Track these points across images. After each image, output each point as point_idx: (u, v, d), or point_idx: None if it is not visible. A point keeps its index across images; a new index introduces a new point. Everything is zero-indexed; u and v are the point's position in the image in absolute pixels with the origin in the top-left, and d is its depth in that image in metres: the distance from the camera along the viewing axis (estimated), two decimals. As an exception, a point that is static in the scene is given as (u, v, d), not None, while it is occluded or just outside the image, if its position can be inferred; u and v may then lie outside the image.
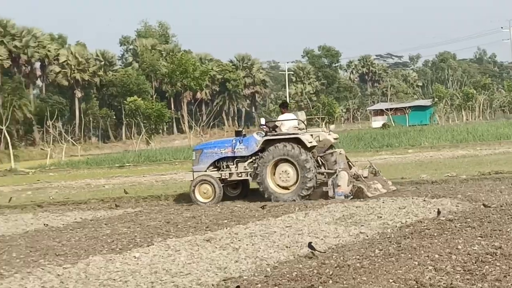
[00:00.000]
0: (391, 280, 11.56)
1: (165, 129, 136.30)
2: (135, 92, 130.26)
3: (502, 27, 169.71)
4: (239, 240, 16.67)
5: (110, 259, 15.25)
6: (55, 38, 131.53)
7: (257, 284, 12.00)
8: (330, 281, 11.82)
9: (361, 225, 17.78)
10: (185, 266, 13.94)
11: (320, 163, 26.29)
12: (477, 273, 11.75)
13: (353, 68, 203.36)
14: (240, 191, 28.09)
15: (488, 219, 17.08)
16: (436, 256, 13.28)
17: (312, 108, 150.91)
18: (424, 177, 29.15)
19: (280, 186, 25.61)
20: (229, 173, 26.91)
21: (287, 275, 12.57)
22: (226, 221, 20.57)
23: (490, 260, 12.55)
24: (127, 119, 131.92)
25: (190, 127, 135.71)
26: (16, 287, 13.05)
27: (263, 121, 27.94)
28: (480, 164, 34.13)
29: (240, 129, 30.21)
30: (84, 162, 75.95)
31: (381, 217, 19.00)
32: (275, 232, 17.57)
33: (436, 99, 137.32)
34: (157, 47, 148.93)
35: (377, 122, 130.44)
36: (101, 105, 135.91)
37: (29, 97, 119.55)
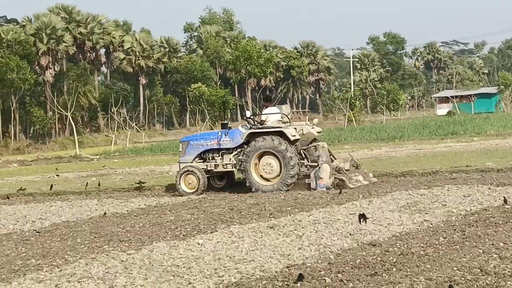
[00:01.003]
0: (455, 268, 11.49)
1: (229, 116, 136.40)
2: (199, 79, 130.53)
3: None
4: (302, 227, 16.68)
5: (174, 246, 15.35)
6: (120, 25, 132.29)
7: (320, 271, 11.99)
8: (394, 269, 11.80)
9: (425, 213, 17.68)
10: (249, 253, 13.98)
11: (303, 156, 26.69)
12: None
13: (418, 55, 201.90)
14: (226, 182, 28.69)
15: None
16: (501, 244, 13.19)
17: (377, 95, 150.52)
18: (490, 165, 28.84)
19: (263, 178, 26.25)
20: (215, 165, 27.56)
21: (351, 263, 12.56)
22: (289, 208, 20.57)
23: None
24: (191, 106, 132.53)
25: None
26: (80, 272, 13.17)
27: (248, 114, 29.13)
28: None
29: (226, 121, 30.75)
30: (148, 148, 76.28)
31: (445, 205, 18.88)
32: (339, 219, 17.57)
33: (502, 87, 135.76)
34: (221, 34, 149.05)
35: (442, 110, 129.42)
36: (166, 92, 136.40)
37: (94, 84, 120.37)
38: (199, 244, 15.34)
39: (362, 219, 16.37)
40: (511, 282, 10.54)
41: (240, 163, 26.55)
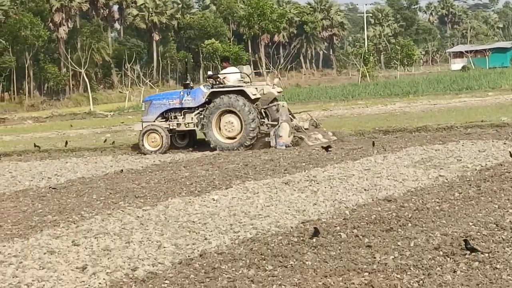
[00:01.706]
0: (471, 223, 11.51)
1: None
2: (213, 35, 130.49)
3: None
4: (317, 183, 16.72)
5: (189, 202, 15.41)
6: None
7: (336, 226, 12.03)
8: (409, 224, 11.83)
9: (440, 168, 17.69)
10: (264, 209, 14.03)
11: (264, 115, 27.21)
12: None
13: (433, 10, 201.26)
14: (188, 141, 29.00)
15: None
16: (506, 200, 13.19)
17: (391, 50, 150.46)
18: (505, 120, 28.77)
19: (225, 136, 26.82)
20: (177, 124, 28.07)
21: (366, 218, 12.60)
22: (304, 164, 20.61)
23: None
24: (205, 62, 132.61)
25: (268, 70, 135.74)
26: (97, 228, 13.25)
27: (209, 73, 29.72)
28: None
29: (188, 82, 30.55)
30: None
31: (460, 160, 18.88)
32: (354, 175, 17.59)
33: None
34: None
35: (456, 65, 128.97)
36: (179, 48, 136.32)
37: (107, 40, 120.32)
38: (214, 200, 15.40)
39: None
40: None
41: (202, 121, 27.05)
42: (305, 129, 27.20)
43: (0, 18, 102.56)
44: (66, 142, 33.61)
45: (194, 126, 27.90)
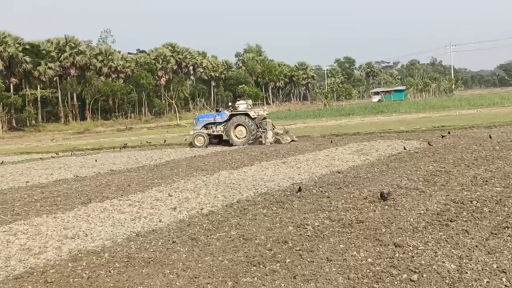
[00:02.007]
0: (383, 185, 11.51)
1: (258, 103, 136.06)
2: (243, 82, 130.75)
3: (445, 45, 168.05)
4: (300, 162, 16.67)
5: (231, 173, 15.41)
6: (200, 53, 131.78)
7: (310, 186, 12.02)
8: (350, 185, 11.82)
9: (367, 155, 17.62)
10: (271, 177, 14.02)
11: (258, 126, 27.65)
12: (431, 181, 11.63)
13: (362, 69, 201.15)
14: (218, 141, 28.97)
15: (436, 152, 16.81)
16: (408, 171, 13.15)
17: (339, 91, 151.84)
18: (402, 129, 28.71)
19: (237, 137, 27.32)
20: (212, 131, 28.60)
21: (326, 181, 12.57)
22: (293, 152, 20.55)
23: (438, 174, 12.40)
24: (238, 98, 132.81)
25: (273, 101, 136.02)
26: (181, 186, 13.30)
27: (229, 104, 30.18)
28: (433, 122, 33.49)
29: (218, 108, 33.38)
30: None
31: (377, 150, 18.76)
32: (320, 158, 17.54)
33: (408, 86, 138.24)
34: (255, 58, 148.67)
35: (375, 98, 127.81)
36: (225, 89, 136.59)
37: (186, 85, 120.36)
38: (244, 172, 15.40)
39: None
40: (415, 192, 10.54)
41: (226, 130, 27.90)
42: (281, 134, 27.72)
43: (129, 73, 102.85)
44: (165, 140, 33.71)
45: (221, 132, 28.51)
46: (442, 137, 22.18)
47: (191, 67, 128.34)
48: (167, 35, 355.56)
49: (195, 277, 6.36)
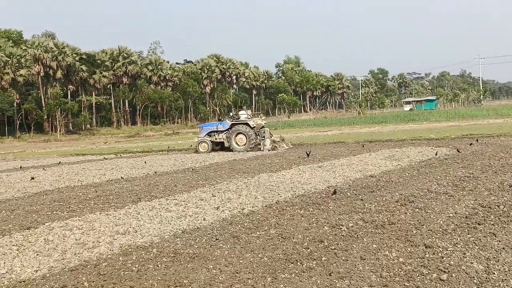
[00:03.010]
0: (414, 189, 11.37)
1: (296, 111, 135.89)
2: (283, 91, 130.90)
3: (474, 58, 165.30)
4: (335, 167, 16.57)
5: (270, 175, 15.38)
6: (243, 63, 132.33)
7: (345, 189, 11.94)
8: (382, 189, 11.71)
9: (398, 161, 17.41)
10: (308, 179, 13.97)
11: (257, 134, 28.22)
12: (459, 186, 11.44)
13: (394, 80, 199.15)
14: (220, 147, 29.24)
15: (465, 158, 16.51)
16: (438, 177, 12.97)
17: (373, 100, 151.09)
18: (432, 136, 28.30)
19: (238, 144, 27.88)
20: (215, 138, 29.04)
21: (360, 185, 12.47)
22: (328, 157, 20.47)
23: (467, 180, 12.18)
24: (278, 105, 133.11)
25: (310, 109, 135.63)
26: (224, 187, 13.34)
27: (230, 114, 31.46)
28: (462, 130, 32.88)
29: (220, 117, 34.37)
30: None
31: (408, 156, 18.55)
32: (354, 163, 17.40)
33: (438, 96, 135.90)
34: (294, 68, 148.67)
35: (407, 107, 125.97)
36: (265, 98, 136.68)
37: (229, 93, 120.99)
38: (283, 175, 15.38)
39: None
40: (444, 196, 10.38)
41: (227, 137, 28.37)
42: (277, 141, 28.62)
43: (177, 82, 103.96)
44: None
45: (223, 140, 28.90)
46: (471, 145, 21.81)
47: (234, 77, 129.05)
48: (213, 46, 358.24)
49: (237, 272, 6.39)
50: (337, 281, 5.94)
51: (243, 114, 29.49)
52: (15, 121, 76.34)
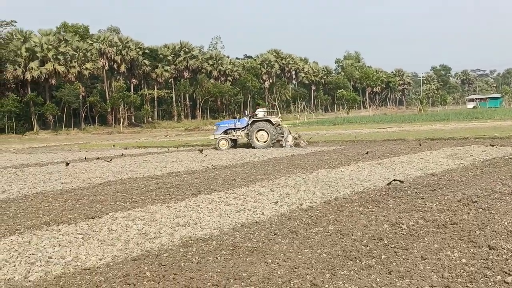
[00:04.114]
0: (478, 188, 11.07)
1: (355, 107, 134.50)
2: (342, 87, 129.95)
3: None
4: (395, 164, 16.33)
5: (329, 171, 15.30)
6: (302, 59, 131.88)
7: (405, 187, 11.74)
8: (444, 188, 11.44)
9: (461, 159, 16.97)
10: (367, 176, 13.80)
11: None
12: (527, 187, 11.07)
13: (458, 76, 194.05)
14: (234, 144, 29.50)
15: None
16: (503, 176, 12.60)
17: (434, 97, 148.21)
18: (496, 135, 27.45)
19: (259, 141, 28.08)
20: (233, 136, 29.23)
21: (420, 183, 12.23)
22: (388, 154, 20.18)
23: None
24: (337, 101, 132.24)
25: (369, 106, 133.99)
26: (282, 182, 13.35)
27: (246, 112, 32.07)
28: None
29: (235, 116, 34.85)
30: (315, 122, 76.31)
31: (471, 155, 18.07)
32: (414, 161, 17.11)
33: (503, 94, 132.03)
34: (354, 64, 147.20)
35: (470, 105, 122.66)
36: (324, 93, 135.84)
37: (288, 88, 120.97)
38: (341, 171, 15.25)
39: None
40: (510, 197, 10.06)
41: (247, 134, 28.61)
42: (296, 138, 28.63)
43: (236, 76, 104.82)
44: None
45: (241, 137, 29.43)
46: None
47: (293, 72, 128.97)
48: (272, 41, 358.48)
49: (295, 268, 6.39)
50: (397, 280, 5.85)
51: (261, 112, 29.84)
52: (81, 113, 78.83)
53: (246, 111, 31.90)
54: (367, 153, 21.07)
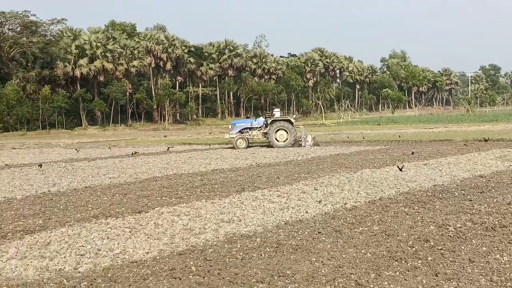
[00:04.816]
0: (528, 192, 10.80)
1: (400, 106, 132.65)
2: (387, 86, 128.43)
3: None
4: (442, 165, 16.06)
5: (373, 171, 15.18)
6: (347, 57, 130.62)
7: (452, 189, 11.53)
8: (493, 190, 11.22)
9: (511, 162, 16.54)
10: (412, 177, 13.62)
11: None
12: None
13: (508, 77, 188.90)
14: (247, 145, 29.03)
15: None
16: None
17: (483, 97, 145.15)
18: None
19: (278, 141, 27.98)
20: (249, 135, 29.06)
21: (468, 185, 12.00)
22: (434, 155, 19.85)
23: None
24: (382, 100, 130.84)
25: (415, 105, 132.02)
26: (326, 182, 13.32)
27: (261, 112, 32.56)
28: None
29: (249, 116, 35.48)
30: (359, 121, 75.56)
31: (522, 157, 17.63)
32: (462, 162, 16.79)
33: None
34: (399, 63, 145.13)
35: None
36: (369, 93, 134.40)
37: (332, 87, 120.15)
38: (386, 171, 15.11)
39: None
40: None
41: (267, 133, 28.33)
42: (313, 138, 28.77)
43: (280, 75, 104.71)
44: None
45: (257, 137, 29.37)
46: None
47: (337, 71, 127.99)
48: (316, 40, 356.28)
49: (340, 267, 6.37)
50: (443, 282, 5.76)
51: (277, 112, 29.95)
52: (127, 110, 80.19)
53: (262, 111, 32.43)
54: (412, 153, 20.78)
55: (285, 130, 28.19)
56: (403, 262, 6.47)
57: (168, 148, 29.58)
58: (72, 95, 73.73)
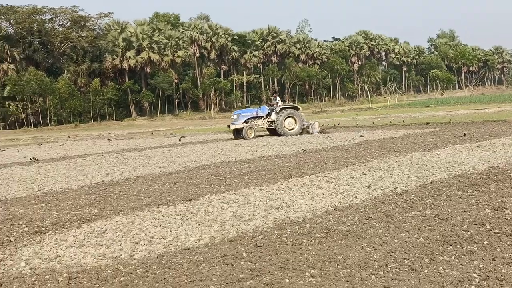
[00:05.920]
0: None
1: (450, 87, 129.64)
2: (435, 67, 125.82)
3: None
4: (496, 147, 15.57)
5: (423, 155, 14.88)
6: (392, 39, 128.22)
7: (507, 170, 11.15)
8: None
9: None
10: (465, 160, 13.26)
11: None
12: None
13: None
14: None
15: None
16: None
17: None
18: None
19: (287, 128, 27.80)
20: (254, 124, 28.27)
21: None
22: (487, 136, 19.31)
23: None
24: (430, 82, 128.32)
25: (465, 86, 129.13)
26: (375, 165, 13.09)
27: (265, 101, 31.49)
28: None
29: (248, 106, 35.70)
30: (407, 104, 74.28)
31: None
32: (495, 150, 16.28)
33: None
34: (448, 43, 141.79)
35: None
36: (416, 74, 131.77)
37: (378, 70, 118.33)
38: (437, 154, 14.78)
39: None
40: None
41: (276, 121, 27.93)
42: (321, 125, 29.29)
43: (324, 60, 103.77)
44: (357, 124, 33.37)
45: (262, 126, 28.81)
46: None
47: (383, 53, 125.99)
48: (361, 22, 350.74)
49: (392, 252, 6.26)
50: (502, 266, 5.58)
51: (279, 100, 29.97)
52: (174, 99, 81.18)
53: (265, 100, 32.44)
54: (464, 135, 20.28)
55: (293, 118, 28.16)
56: (458, 246, 6.31)
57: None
58: (121, 87, 75.18)
